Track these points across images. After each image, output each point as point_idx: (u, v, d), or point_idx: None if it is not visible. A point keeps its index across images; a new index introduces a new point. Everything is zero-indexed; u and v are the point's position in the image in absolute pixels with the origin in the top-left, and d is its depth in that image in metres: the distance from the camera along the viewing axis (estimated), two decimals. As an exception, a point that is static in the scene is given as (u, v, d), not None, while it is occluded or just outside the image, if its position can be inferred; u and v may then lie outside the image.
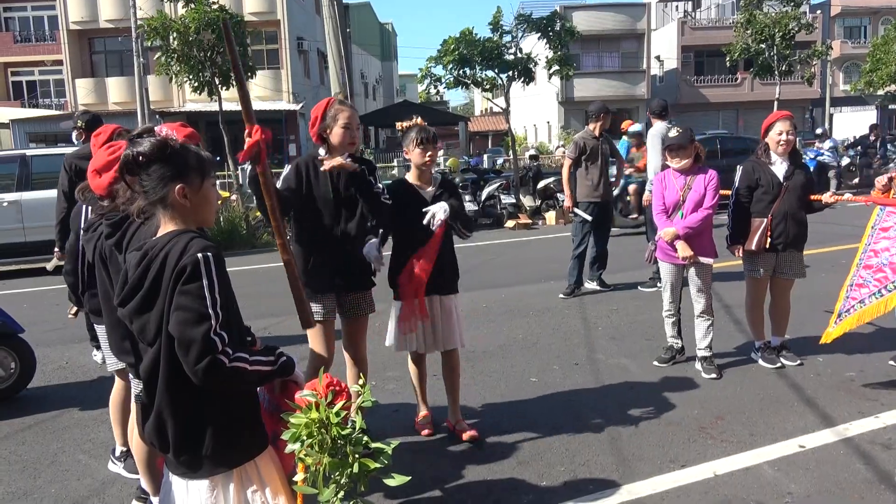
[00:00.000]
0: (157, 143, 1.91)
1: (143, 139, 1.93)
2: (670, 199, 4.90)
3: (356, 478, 1.88)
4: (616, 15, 35.54)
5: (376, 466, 1.89)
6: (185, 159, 1.95)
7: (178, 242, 1.88)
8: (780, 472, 3.49)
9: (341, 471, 1.86)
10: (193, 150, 1.99)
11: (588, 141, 7.39)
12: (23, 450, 4.16)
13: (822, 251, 8.91)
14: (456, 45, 14.81)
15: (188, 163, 1.95)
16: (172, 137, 1.96)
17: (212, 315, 1.83)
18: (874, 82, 26.88)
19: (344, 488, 1.87)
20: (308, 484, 1.88)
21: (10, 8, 31.80)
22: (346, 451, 1.88)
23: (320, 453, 1.84)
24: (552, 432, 4.03)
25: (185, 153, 1.95)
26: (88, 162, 2.90)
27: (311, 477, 1.87)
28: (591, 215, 7.29)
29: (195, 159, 1.97)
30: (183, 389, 1.89)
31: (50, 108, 29.93)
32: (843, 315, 4.61)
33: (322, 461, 1.84)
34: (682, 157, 4.81)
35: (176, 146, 1.94)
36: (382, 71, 51.49)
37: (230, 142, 15.26)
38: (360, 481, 1.90)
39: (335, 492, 1.85)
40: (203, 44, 13.91)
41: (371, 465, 1.88)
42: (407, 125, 3.97)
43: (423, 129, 3.90)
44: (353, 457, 1.87)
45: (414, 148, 3.87)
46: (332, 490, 1.85)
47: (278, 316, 6.98)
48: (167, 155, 1.91)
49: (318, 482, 1.85)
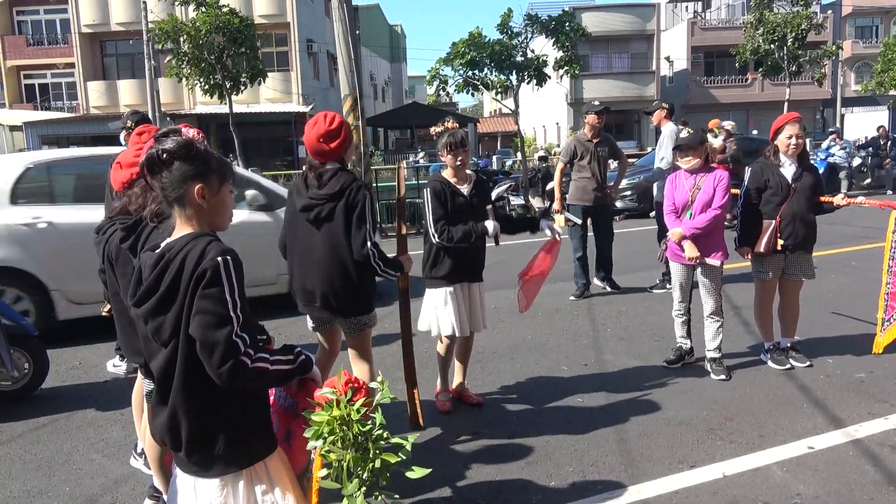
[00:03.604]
0: (182, 142, 1.94)
1: (168, 137, 1.96)
2: (680, 200, 4.91)
3: (378, 472, 1.91)
4: (625, 15, 35.48)
5: (397, 460, 1.92)
6: (207, 161, 1.98)
7: (197, 245, 1.90)
8: (789, 473, 3.49)
9: (364, 466, 1.90)
10: (216, 155, 2.03)
11: (580, 143, 7.36)
12: (37, 449, 4.21)
13: (831, 252, 8.88)
14: (465, 47, 14.83)
15: (210, 164, 1.98)
16: (199, 139, 1.99)
17: (233, 318, 1.86)
18: (885, 82, 26.73)
19: (366, 483, 1.91)
20: (332, 479, 1.91)
21: (22, 11, 32.07)
22: (368, 447, 1.91)
23: (343, 449, 1.88)
24: (561, 433, 4.05)
25: (207, 155, 1.99)
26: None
27: (334, 472, 1.90)
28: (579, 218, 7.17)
29: (217, 162, 2.01)
30: (198, 390, 1.92)
31: (62, 110, 30.20)
32: (886, 323, 4.81)
33: (346, 457, 1.87)
34: (692, 157, 4.82)
35: (200, 147, 1.98)
36: (392, 73, 51.59)
37: (240, 143, 15.35)
38: (382, 476, 1.93)
39: (358, 486, 1.89)
40: (213, 47, 14.00)
41: (392, 459, 1.91)
42: (439, 130, 4.18)
43: (451, 133, 4.13)
44: (374, 452, 1.91)
45: (446, 154, 4.15)
46: (356, 484, 1.89)
47: (289, 316, 7.02)
48: (191, 154, 1.94)
49: (343, 477, 1.88)
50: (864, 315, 5.97)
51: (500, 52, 14.92)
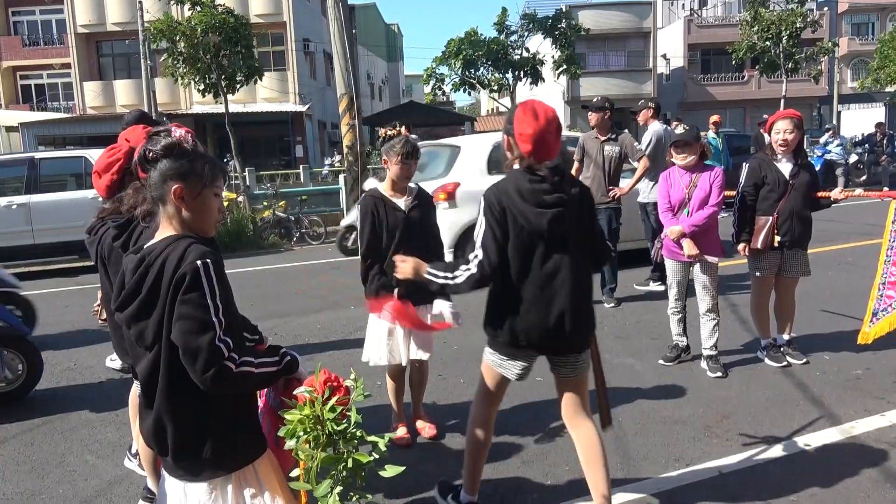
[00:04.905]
0: (167, 142, 1.93)
1: (159, 137, 1.95)
2: (676, 197, 4.89)
3: (351, 472, 1.89)
4: (622, 14, 35.45)
5: (369, 460, 1.90)
6: (191, 161, 1.94)
7: (176, 249, 1.87)
8: (786, 470, 3.48)
9: (336, 465, 1.87)
10: (203, 157, 1.98)
11: (588, 140, 7.01)
12: (31, 450, 4.19)
13: (827, 249, 8.88)
14: (460, 46, 14.82)
15: (193, 165, 1.94)
16: (187, 139, 1.96)
17: (215, 323, 1.83)
18: (882, 79, 26.77)
19: (340, 483, 1.89)
20: (304, 480, 1.89)
21: (18, 12, 32.03)
22: (341, 446, 1.89)
23: (314, 449, 1.86)
24: (557, 431, 4.03)
25: (192, 156, 1.95)
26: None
27: (306, 473, 1.88)
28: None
29: (202, 165, 1.96)
30: (183, 395, 1.89)
31: (58, 111, 30.15)
32: (879, 314, 4.61)
33: (316, 457, 1.85)
34: (688, 154, 4.80)
35: (186, 147, 1.95)
36: (388, 72, 51.55)
37: (237, 144, 15.33)
38: (357, 475, 1.91)
39: (331, 486, 1.86)
40: (209, 46, 13.97)
41: (364, 458, 1.89)
42: (391, 132, 3.70)
43: (408, 141, 3.65)
44: (346, 452, 1.88)
45: (397, 161, 3.64)
46: (328, 485, 1.86)
47: (284, 317, 7.02)
48: (173, 154, 1.92)
49: (311, 478, 1.86)
50: (861, 312, 5.91)
51: (497, 50, 14.91)
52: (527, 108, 2.76)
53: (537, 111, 2.73)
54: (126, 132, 3.12)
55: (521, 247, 2.73)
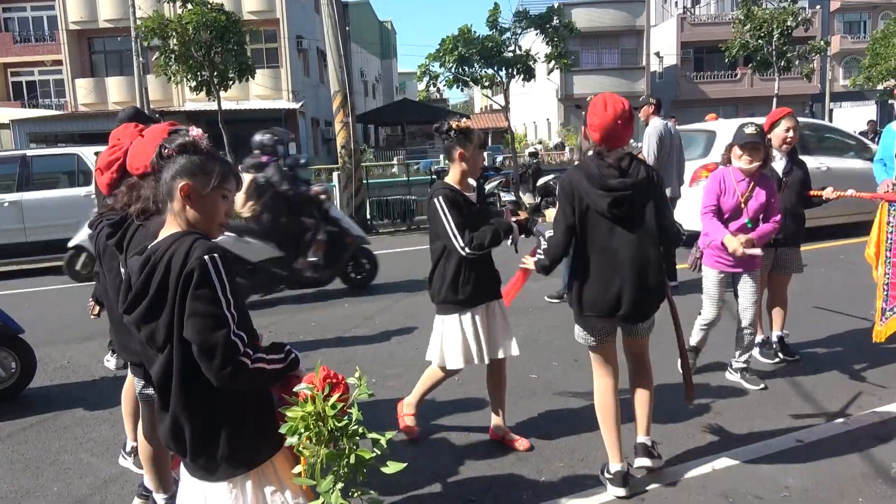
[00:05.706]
0: (183, 141, 1.96)
1: (177, 135, 1.99)
2: (727, 205, 4.32)
3: (353, 468, 1.90)
4: (615, 11, 35.54)
5: (372, 456, 1.91)
6: (201, 161, 1.96)
7: (182, 245, 1.86)
8: (778, 466, 3.50)
9: (338, 462, 1.88)
10: (216, 158, 2.00)
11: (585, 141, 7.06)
12: (25, 449, 4.18)
13: (819, 247, 8.93)
14: (454, 44, 14.83)
15: (203, 165, 1.96)
16: (203, 140, 1.99)
17: (228, 317, 1.83)
18: (873, 77, 26.90)
19: (342, 479, 1.89)
20: (307, 476, 1.89)
21: (9, 8, 31.84)
22: (343, 443, 1.89)
23: (317, 445, 1.86)
24: (551, 428, 4.05)
25: (204, 156, 1.97)
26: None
27: (309, 469, 1.89)
28: None
29: (213, 165, 1.97)
30: (197, 393, 1.89)
31: (50, 108, 30.00)
32: (887, 313, 4.65)
33: (319, 453, 1.86)
34: (755, 158, 4.22)
35: (200, 147, 1.97)
36: (382, 69, 51.47)
37: (230, 141, 15.30)
38: (358, 471, 1.92)
39: (333, 482, 1.87)
40: (201, 44, 13.94)
41: (366, 455, 1.90)
42: (465, 125, 3.66)
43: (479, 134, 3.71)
44: (349, 448, 1.89)
45: (475, 152, 3.63)
46: (330, 481, 1.87)
47: (280, 315, 7.01)
48: (187, 151, 1.95)
49: (317, 474, 1.87)
50: (852, 309, 6.01)
51: (490, 47, 14.93)
52: (598, 101, 3.09)
53: (607, 104, 3.05)
54: (117, 130, 3.11)
55: (588, 225, 3.13)
